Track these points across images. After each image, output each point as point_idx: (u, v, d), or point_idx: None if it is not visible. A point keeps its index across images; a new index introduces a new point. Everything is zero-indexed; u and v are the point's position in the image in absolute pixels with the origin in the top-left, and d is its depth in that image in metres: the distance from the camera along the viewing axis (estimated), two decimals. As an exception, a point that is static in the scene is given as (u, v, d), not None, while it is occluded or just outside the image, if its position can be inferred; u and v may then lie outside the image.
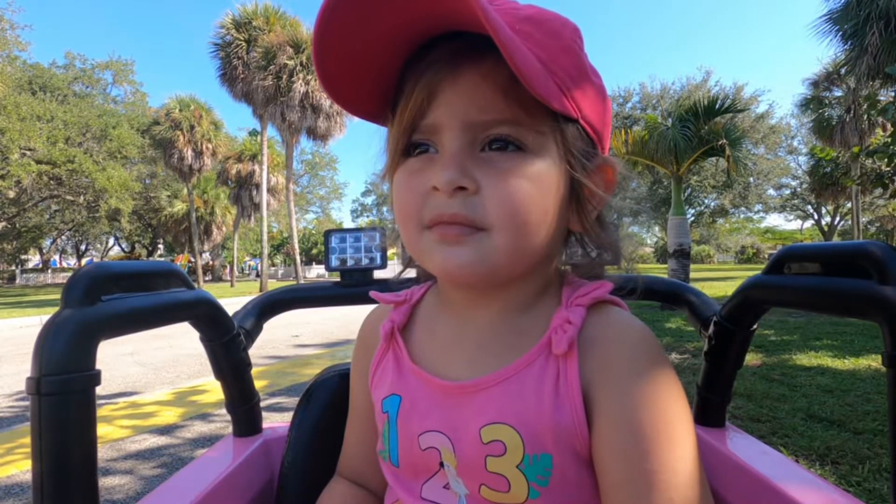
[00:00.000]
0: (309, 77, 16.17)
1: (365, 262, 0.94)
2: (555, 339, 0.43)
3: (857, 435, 2.45)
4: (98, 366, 0.47)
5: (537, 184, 0.41)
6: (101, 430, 3.04)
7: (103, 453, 2.69)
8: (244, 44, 17.02)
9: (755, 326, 0.73)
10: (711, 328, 0.76)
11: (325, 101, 16.41)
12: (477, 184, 0.40)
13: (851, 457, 2.21)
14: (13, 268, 36.42)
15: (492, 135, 0.41)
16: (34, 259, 42.50)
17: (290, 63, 16.09)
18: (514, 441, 0.41)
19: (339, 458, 0.63)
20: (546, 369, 0.43)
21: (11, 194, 18.59)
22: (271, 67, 16.12)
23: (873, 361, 3.93)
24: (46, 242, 35.28)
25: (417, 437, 0.47)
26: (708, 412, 0.81)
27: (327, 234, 0.94)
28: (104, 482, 2.35)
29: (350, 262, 0.93)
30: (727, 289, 11.57)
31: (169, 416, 3.33)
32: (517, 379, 0.43)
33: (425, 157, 0.43)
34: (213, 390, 3.89)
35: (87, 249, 41.03)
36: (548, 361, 0.43)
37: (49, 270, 38.84)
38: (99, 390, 0.45)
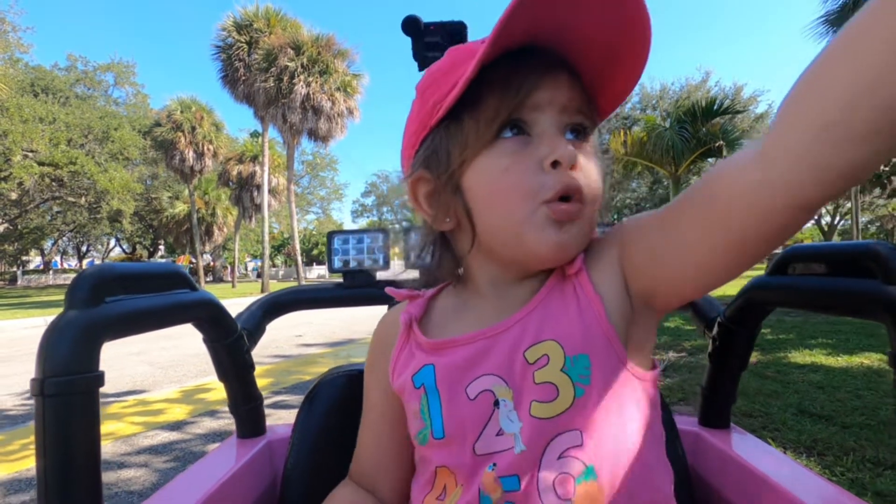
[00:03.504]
0: (310, 79, 16.20)
1: (368, 263, 0.94)
2: (567, 265, 0.50)
3: (845, 429, 2.51)
4: (105, 365, 0.47)
5: (598, 166, 0.51)
6: (114, 426, 3.10)
7: (117, 448, 2.74)
8: (245, 46, 17.06)
9: (759, 327, 0.72)
10: (715, 329, 0.76)
11: (326, 104, 16.43)
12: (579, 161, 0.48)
13: (837, 449, 2.28)
14: (15, 269, 36.46)
15: (574, 121, 0.49)
16: (35, 260, 42.56)
17: (291, 65, 16.11)
18: (555, 350, 0.46)
19: (352, 462, 0.63)
20: (564, 289, 0.49)
21: (14, 196, 18.62)
22: (272, 69, 16.15)
23: (866, 359, 3.95)
24: (48, 244, 35.31)
25: (465, 389, 0.49)
26: (712, 413, 0.81)
27: (330, 235, 0.94)
28: (120, 475, 2.40)
29: (353, 264, 0.93)
30: (726, 289, 11.55)
31: (178, 412, 3.38)
32: (543, 304, 0.49)
33: (518, 139, 0.48)
34: (220, 388, 3.90)
35: (88, 251, 41.06)
36: (564, 283, 0.50)
37: (50, 272, 38.88)
38: (108, 389, 0.44)
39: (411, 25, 0.50)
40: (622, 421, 0.46)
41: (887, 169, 5.88)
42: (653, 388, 0.50)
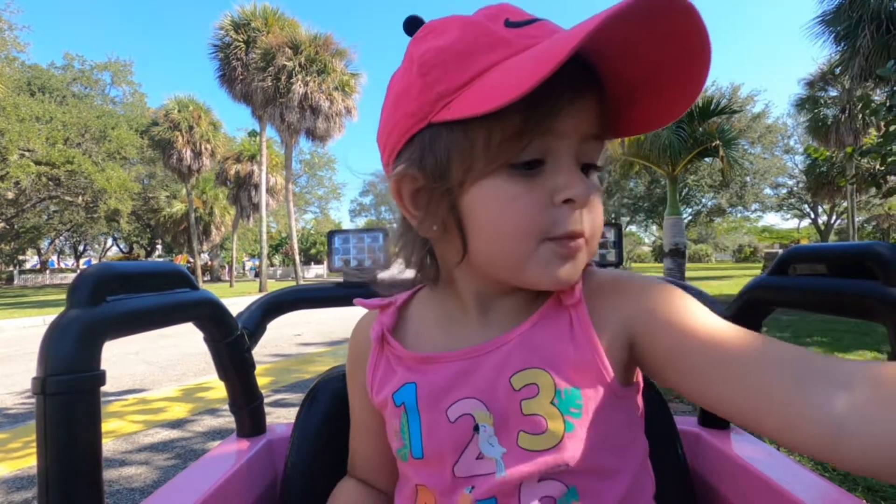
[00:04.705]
0: (308, 78, 16.17)
1: (368, 262, 0.94)
2: (563, 294, 0.47)
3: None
4: (104, 364, 0.47)
5: (601, 200, 0.49)
6: (114, 424, 3.09)
7: (118, 446, 2.74)
8: (243, 45, 17.00)
9: (763, 329, 0.73)
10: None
11: (324, 103, 16.40)
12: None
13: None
14: (11, 269, 36.29)
15: (588, 150, 0.45)
16: (32, 260, 42.37)
17: (289, 64, 16.07)
18: (546, 380, 0.45)
19: (348, 460, 0.64)
20: (559, 318, 0.47)
21: (10, 195, 18.55)
22: (270, 69, 16.11)
23: (860, 357, 3.99)
24: (44, 243, 35.19)
25: (445, 411, 0.48)
26: (712, 413, 0.81)
27: (330, 234, 0.94)
28: (122, 472, 2.40)
29: (353, 263, 0.93)
30: (723, 288, 11.58)
31: (178, 411, 3.39)
32: (535, 330, 0.47)
33: (531, 171, 0.43)
34: (220, 387, 3.91)
35: (85, 250, 40.94)
36: (559, 312, 0.47)
37: (47, 271, 38.72)
38: (108, 388, 0.44)
39: (414, 26, 0.50)
40: (609, 444, 0.46)
41: (882, 168, 5.90)
42: (639, 398, 0.50)
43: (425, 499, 0.50)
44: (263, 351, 5.56)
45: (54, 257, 44.27)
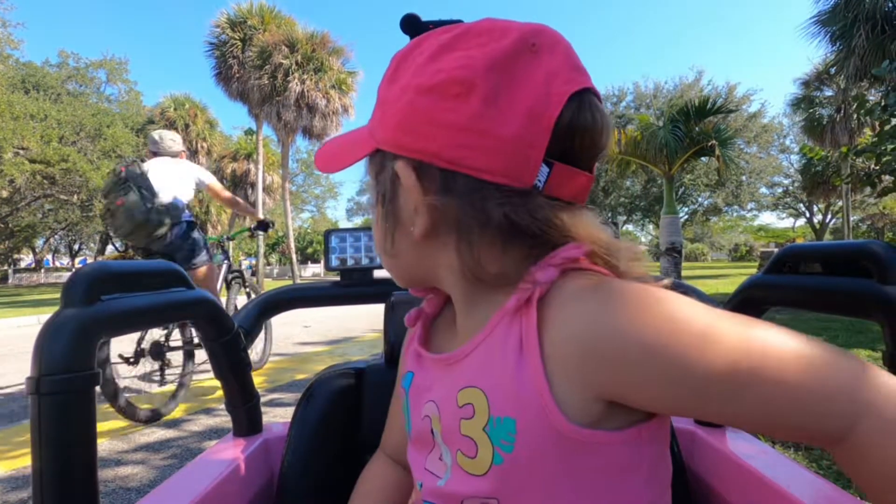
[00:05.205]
0: (304, 77, 16.12)
1: (365, 261, 0.94)
2: (514, 296, 0.40)
3: (831, 423, 2.56)
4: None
5: None
6: (110, 423, 3.05)
7: (114, 445, 2.73)
8: (239, 43, 16.95)
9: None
10: (712, 327, 0.76)
11: (321, 101, 16.36)
12: None
13: (823, 442, 2.32)
14: (6, 267, 36.04)
15: None
16: (27, 259, 42.14)
17: (286, 62, 16.02)
18: (482, 403, 0.41)
19: (382, 436, 0.66)
20: (510, 328, 0.41)
21: (4, 194, 18.45)
22: (266, 67, 16.05)
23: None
24: (39, 242, 34.98)
25: (422, 406, 0.49)
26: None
27: (327, 233, 0.93)
28: (118, 472, 2.38)
29: (350, 262, 0.93)
30: (719, 287, 11.63)
31: (174, 410, 3.35)
32: (487, 341, 0.42)
33: None
34: (215, 386, 3.90)
35: (80, 249, 40.73)
36: (512, 321, 0.41)
37: (42, 270, 38.51)
38: (102, 388, 0.44)
39: (411, 24, 0.49)
40: (554, 495, 0.39)
41: (877, 168, 5.94)
42: (627, 449, 0.39)
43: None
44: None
45: (49, 256, 44.04)
